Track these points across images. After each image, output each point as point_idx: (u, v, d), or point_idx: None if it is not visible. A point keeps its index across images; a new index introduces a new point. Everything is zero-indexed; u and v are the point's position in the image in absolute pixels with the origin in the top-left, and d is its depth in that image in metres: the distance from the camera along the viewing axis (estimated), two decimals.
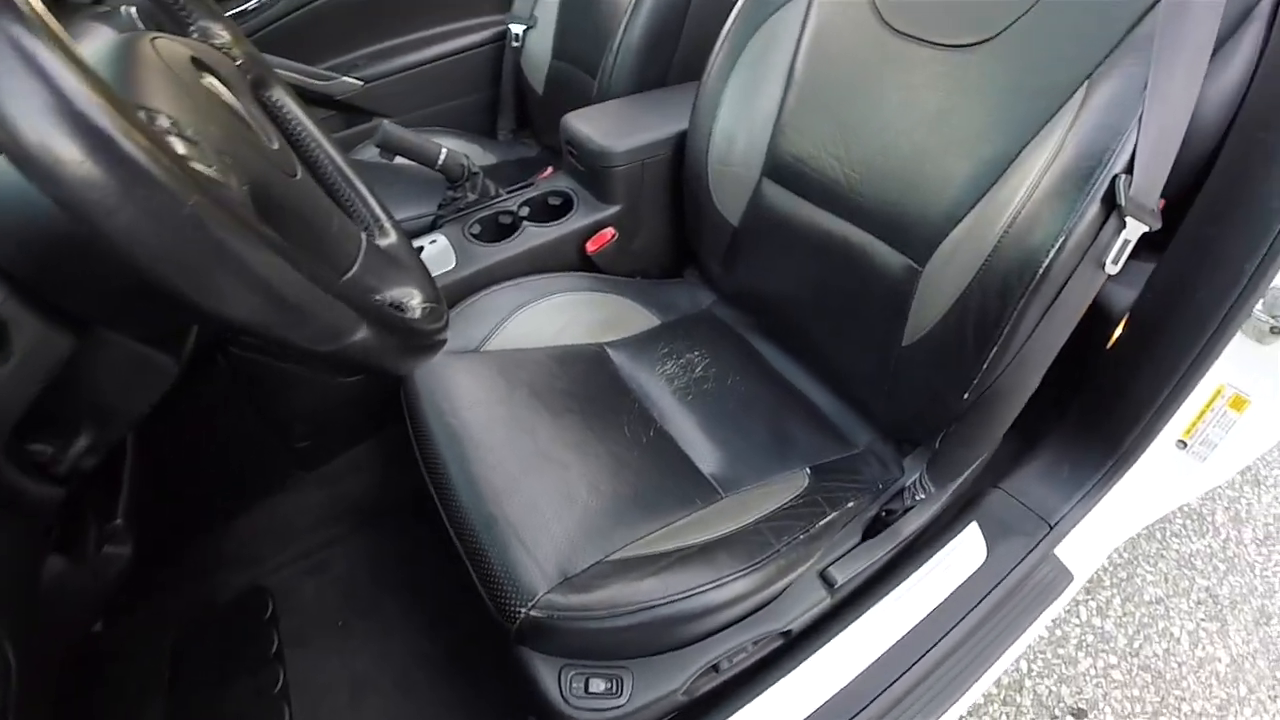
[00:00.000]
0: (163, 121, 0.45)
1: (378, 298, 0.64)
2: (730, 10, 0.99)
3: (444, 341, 0.61)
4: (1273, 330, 0.89)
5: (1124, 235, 0.65)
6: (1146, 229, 0.65)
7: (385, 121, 1.11)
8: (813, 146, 0.90)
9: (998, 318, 0.72)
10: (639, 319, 1.09)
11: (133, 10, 1.25)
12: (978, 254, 0.73)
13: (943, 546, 0.89)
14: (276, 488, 1.19)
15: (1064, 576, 0.94)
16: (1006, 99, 0.73)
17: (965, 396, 0.78)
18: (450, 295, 1.05)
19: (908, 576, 0.85)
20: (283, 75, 1.54)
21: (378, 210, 0.76)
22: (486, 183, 1.20)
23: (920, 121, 0.79)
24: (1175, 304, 0.86)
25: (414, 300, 0.64)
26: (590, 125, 1.13)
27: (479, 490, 0.79)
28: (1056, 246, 0.66)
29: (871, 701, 0.77)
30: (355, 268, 0.62)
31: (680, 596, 0.70)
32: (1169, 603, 1.43)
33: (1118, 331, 0.96)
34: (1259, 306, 0.87)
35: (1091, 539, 0.99)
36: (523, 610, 0.68)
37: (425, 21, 1.73)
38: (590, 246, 1.12)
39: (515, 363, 0.95)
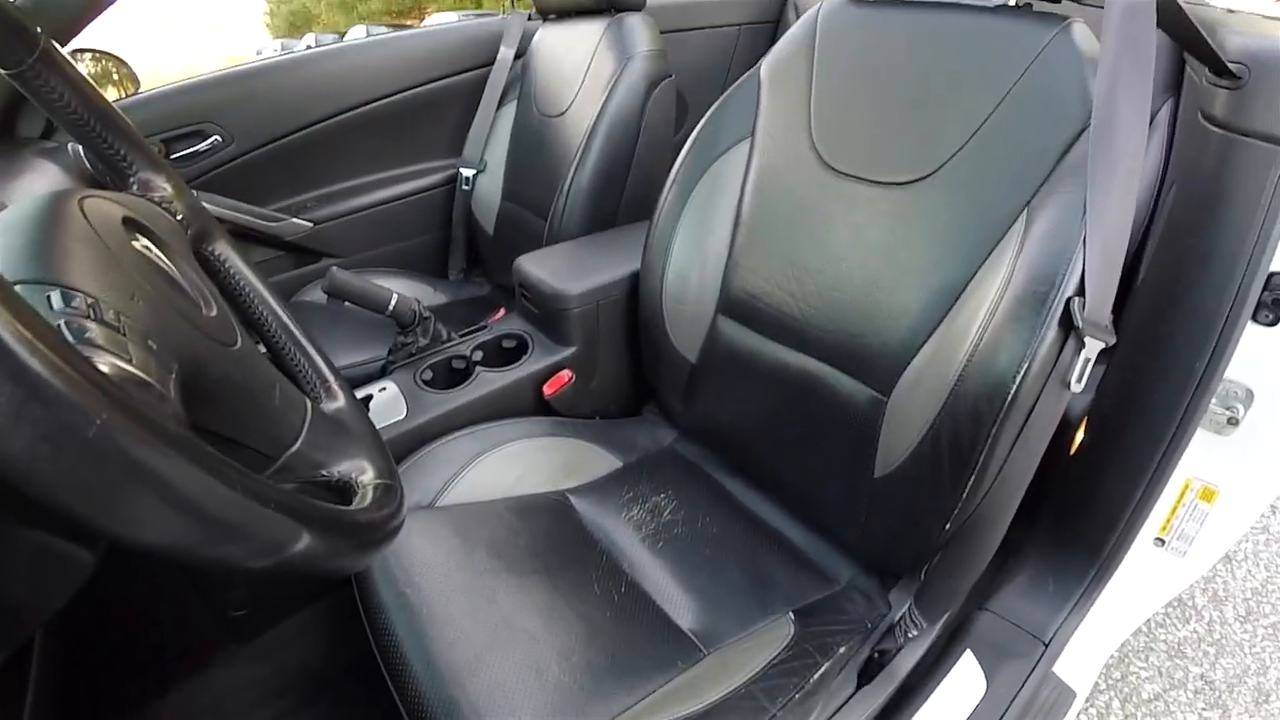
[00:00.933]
0: (81, 303, 0.41)
1: (324, 473, 0.59)
2: (672, 154, 1.03)
3: (399, 528, 0.56)
4: (1230, 421, 0.91)
5: (1084, 354, 0.66)
6: (1104, 345, 0.66)
7: (334, 267, 1.09)
8: (766, 283, 0.91)
9: (971, 445, 0.71)
10: (601, 462, 1.05)
11: (80, 148, 1.25)
12: (943, 382, 0.72)
13: (941, 682, 0.83)
14: (208, 663, 1.07)
15: (1066, 695, 0.90)
16: (951, 230, 0.75)
17: (947, 527, 0.76)
18: (402, 446, 1.00)
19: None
20: (231, 217, 1.55)
21: (325, 371, 0.72)
22: (438, 327, 1.17)
23: (870, 255, 0.80)
24: (1133, 406, 0.86)
25: (365, 476, 0.59)
26: (544, 268, 1.13)
27: (438, 670, 0.71)
28: (1022, 371, 0.66)
29: None
30: (300, 442, 0.58)
31: None
32: (1167, 697, 1.39)
33: (1079, 436, 0.96)
34: (1212, 401, 0.89)
35: (1087, 650, 0.96)
36: None
37: (377, 165, 1.76)
38: (548, 390, 1.09)
39: (473, 518, 0.89)
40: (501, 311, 1.26)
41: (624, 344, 1.15)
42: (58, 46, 0.61)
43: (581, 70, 1.39)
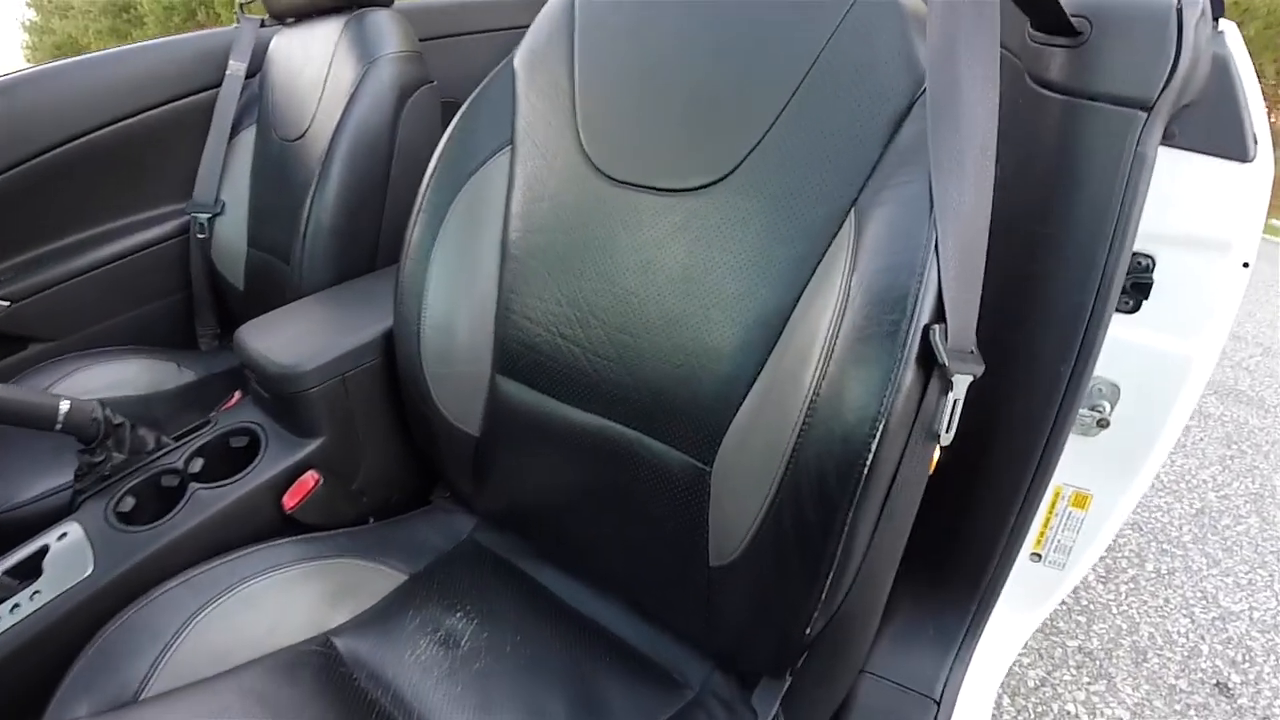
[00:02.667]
0: None
1: None
2: None
3: None
4: (1100, 424, 0.82)
5: (953, 395, 0.49)
6: (973, 377, 0.50)
7: None
8: (546, 331, 0.70)
9: (824, 530, 0.52)
10: (379, 579, 0.80)
11: None
12: (776, 448, 0.54)
13: None
14: None
15: None
16: (762, 245, 0.57)
17: (807, 631, 0.58)
18: (89, 618, 0.71)
19: None
20: None
21: None
22: (140, 434, 0.87)
23: (665, 285, 0.61)
24: (997, 419, 0.74)
25: None
26: (270, 338, 0.85)
27: None
28: (877, 429, 0.48)
29: None
30: None
31: None
32: (1053, 680, 1.36)
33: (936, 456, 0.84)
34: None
35: (978, 691, 0.84)
36: None
37: (91, 218, 1.38)
38: (288, 501, 0.82)
39: (196, 708, 0.62)
40: (236, 396, 0.98)
41: (391, 421, 0.90)
42: None
43: (320, 82, 1.13)
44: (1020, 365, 0.72)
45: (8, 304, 1.30)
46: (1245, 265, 0.74)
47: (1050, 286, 0.68)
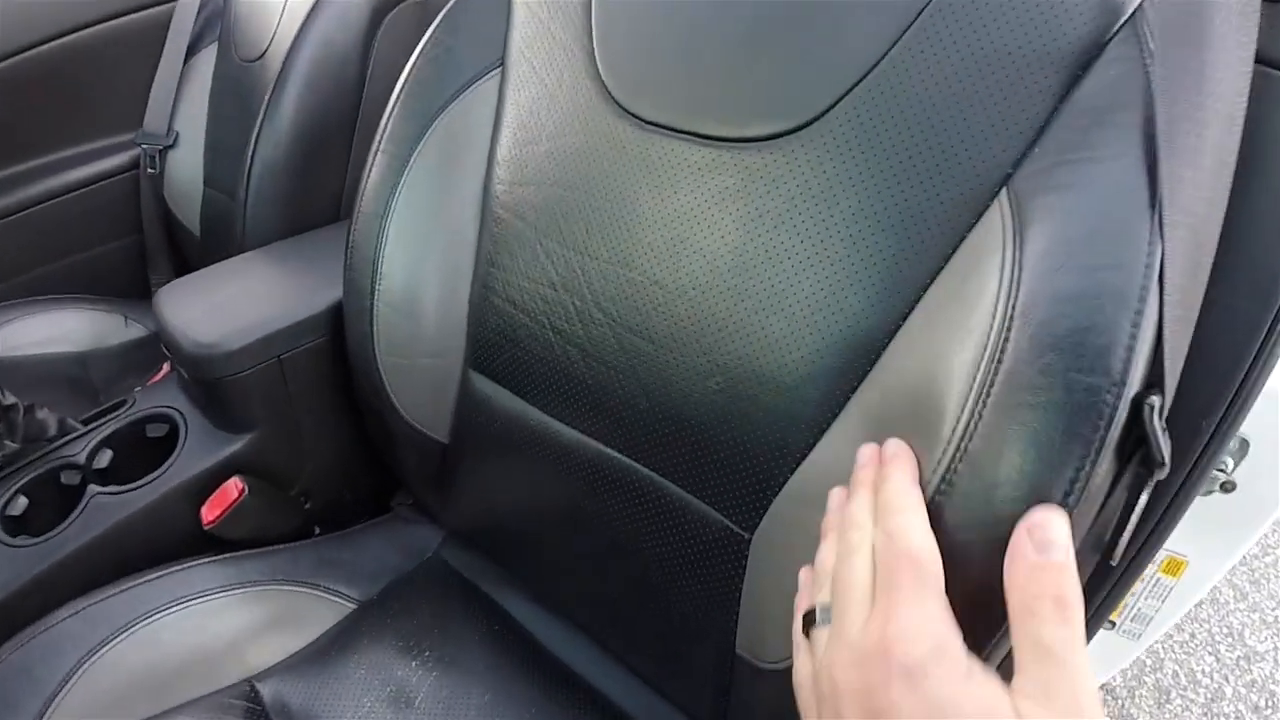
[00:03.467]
0: None
1: None
2: None
3: None
4: (1223, 486, 0.65)
5: (1144, 496, 0.32)
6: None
7: None
8: (531, 320, 0.52)
9: None
10: (319, 608, 0.64)
11: None
12: None
13: None
14: None
15: None
16: (853, 231, 0.38)
17: None
18: None
19: None
20: None
21: None
22: (39, 417, 0.70)
23: (706, 275, 0.43)
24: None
25: None
26: (190, 308, 0.68)
27: None
28: None
29: None
30: None
31: None
32: None
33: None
34: None
35: None
36: None
37: (23, 151, 1.20)
38: (206, 514, 0.65)
39: None
40: (165, 369, 0.81)
41: (341, 413, 0.72)
42: None
43: None
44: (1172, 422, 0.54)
45: None
46: None
47: (1207, 316, 0.50)
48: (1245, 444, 0.64)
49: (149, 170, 1.19)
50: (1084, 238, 0.30)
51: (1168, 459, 0.29)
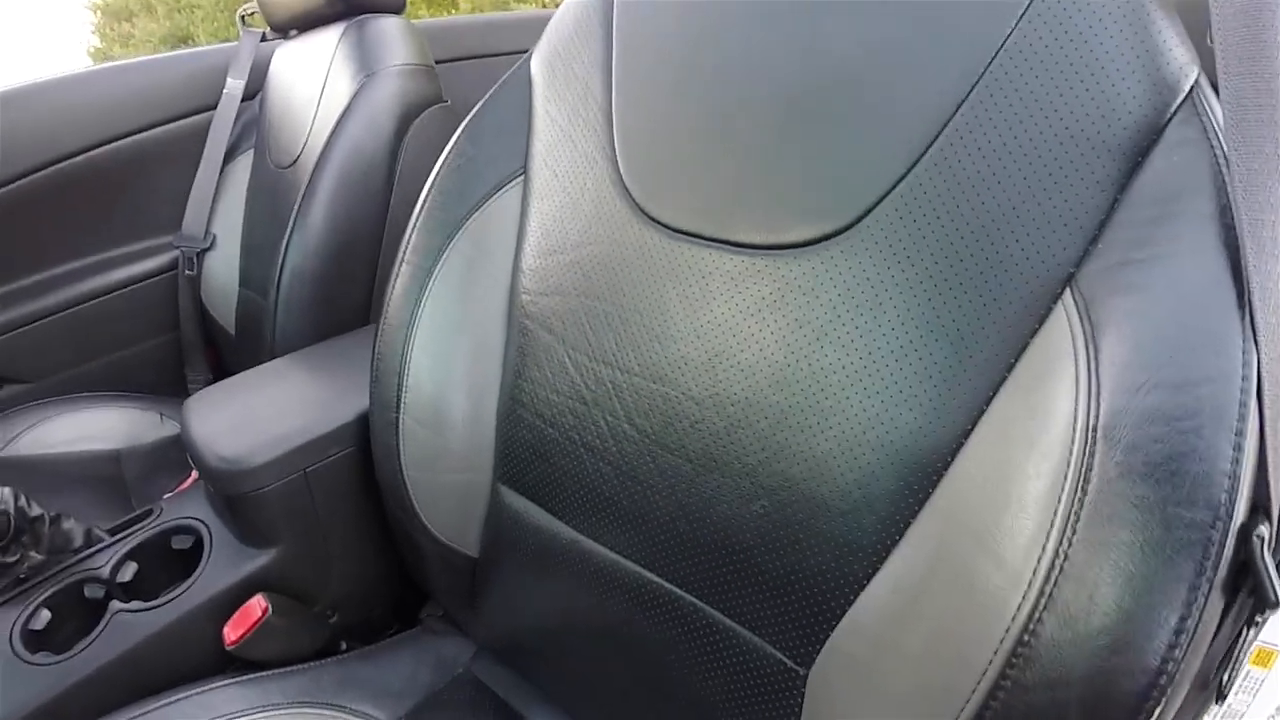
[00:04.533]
0: None
1: None
2: None
3: None
4: None
5: (1251, 637, 0.29)
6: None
7: None
8: (561, 436, 0.50)
9: None
10: None
11: None
12: (950, 676, 0.32)
13: None
14: None
15: None
16: (903, 340, 0.36)
17: None
18: None
19: None
20: None
21: None
22: (67, 528, 0.69)
23: (746, 391, 0.40)
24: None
25: None
26: (215, 419, 0.67)
27: None
28: (1162, 693, 0.27)
29: None
30: None
31: None
32: None
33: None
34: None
35: None
36: None
37: (70, 252, 1.24)
38: (229, 635, 0.63)
39: None
40: (192, 476, 0.80)
41: (369, 524, 0.70)
42: None
43: (315, 99, 0.97)
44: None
45: None
46: None
47: None
48: None
49: (187, 271, 1.22)
50: (1169, 347, 0.27)
51: (1274, 589, 0.25)
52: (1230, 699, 0.70)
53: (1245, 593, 0.27)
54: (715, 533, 0.42)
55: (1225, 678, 0.30)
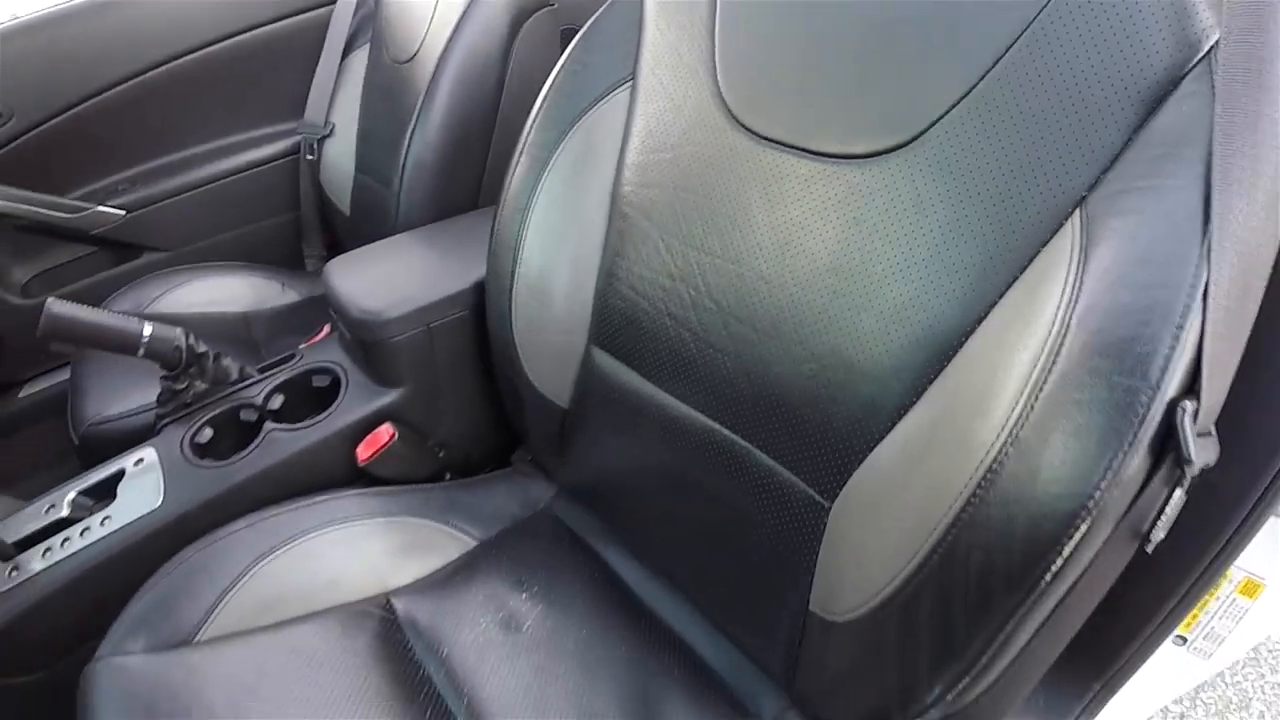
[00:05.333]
0: None
1: None
2: None
3: None
4: None
5: (1180, 491, 0.37)
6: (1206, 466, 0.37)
7: (50, 300, 0.75)
8: (650, 306, 0.60)
9: (972, 629, 0.42)
10: (445, 543, 0.75)
11: None
12: (926, 509, 0.42)
13: None
14: None
15: None
16: (941, 241, 0.44)
17: (929, 709, 0.47)
18: (152, 553, 0.70)
19: None
20: (19, 210, 1.20)
21: None
22: (224, 364, 0.84)
23: (808, 275, 0.50)
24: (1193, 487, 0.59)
25: None
26: (355, 280, 0.80)
27: None
28: (1081, 528, 0.36)
29: None
30: None
31: None
32: None
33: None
34: None
35: None
36: None
37: (203, 135, 1.39)
38: (362, 454, 0.77)
39: (249, 658, 0.60)
40: (326, 329, 0.93)
41: (477, 378, 0.83)
42: None
43: (433, 2, 1.05)
44: (1228, 430, 0.57)
45: (123, 213, 1.33)
46: None
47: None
48: None
49: (308, 157, 1.34)
50: (1140, 258, 0.35)
51: (1195, 457, 0.34)
52: (1209, 622, 0.79)
53: (1171, 461, 0.36)
54: (770, 389, 0.52)
55: (1151, 531, 0.39)
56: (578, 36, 0.68)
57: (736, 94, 0.56)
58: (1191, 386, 0.34)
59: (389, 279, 0.79)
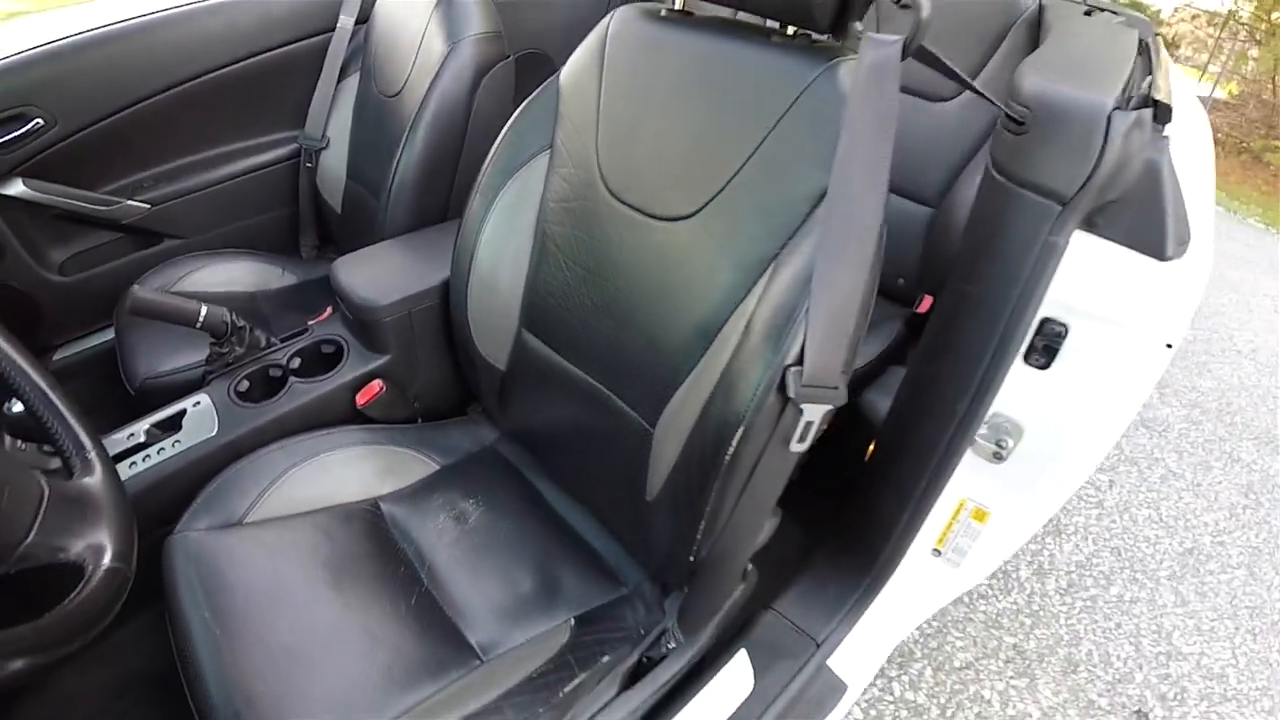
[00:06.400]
0: None
1: (62, 555, 0.60)
2: None
3: (112, 612, 0.59)
4: (995, 455, 0.97)
5: (805, 418, 0.65)
6: (831, 407, 0.66)
7: (135, 286, 1.05)
8: (560, 303, 0.91)
9: (700, 492, 0.74)
10: (417, 466, 1.05)
11: None
12: (687, 425, 0.74)
13: (708, 683, 0.89)
14: (58, 666, 1.07)
15: (837, 688, 0.98)
16: (709, 272, 0.75)
17: (692, 559, 0.80)
18: (212, 463, 0.99)
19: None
20: (60, 204, 1.46)
21: (83, 440, 0.70)
22: (255, 334, 1.14)
23: (642, 289, 0.81)
24: (906, 432, 0.91)
25: (102, 558, 0.60)
26: (357, 275, 1.10)
27: (229, 687, 0.73)
28: (739, 430, 0.68)
29: None
30: (34, 532, 0.58)
31: None
32: (979, 666, 1.49)
33: (872, 447, 1.02)
34: (984, 431, 0.95)
35: (862, 648, 1.03)
36: None
37: (216, 140, 1.65)
38: (360, 400, 1.08)
39: (279, 534, 0.89)
40: (328, 311, 1.23)
41: (443, 349, 1.14)
42: None
43: (414, 51, 1.33)
44: (930, 396, 0.88)
45: (149, 206, 1.59)
46: (1169, 346, 0.84)
47: (963, 336, 0.83)
48: (1021, 430, 0.95)
49: (307, 164, 1.62)
50: (788, 289, 0.67)
51: (797, 397, 0.63)
52: (955, 539, 1.08)
53: (792, 402, 0.64)
54: (621, 357, 0.84)
55: (791, 443, 0.67)
56: (517, 112, 0.97)
57: (608, 169, 0.86)
58: (800, 359, 0.65)
59: (381, 276, 1.10)
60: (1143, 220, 0.75)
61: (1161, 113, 0.74)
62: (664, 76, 0.83)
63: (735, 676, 0.91)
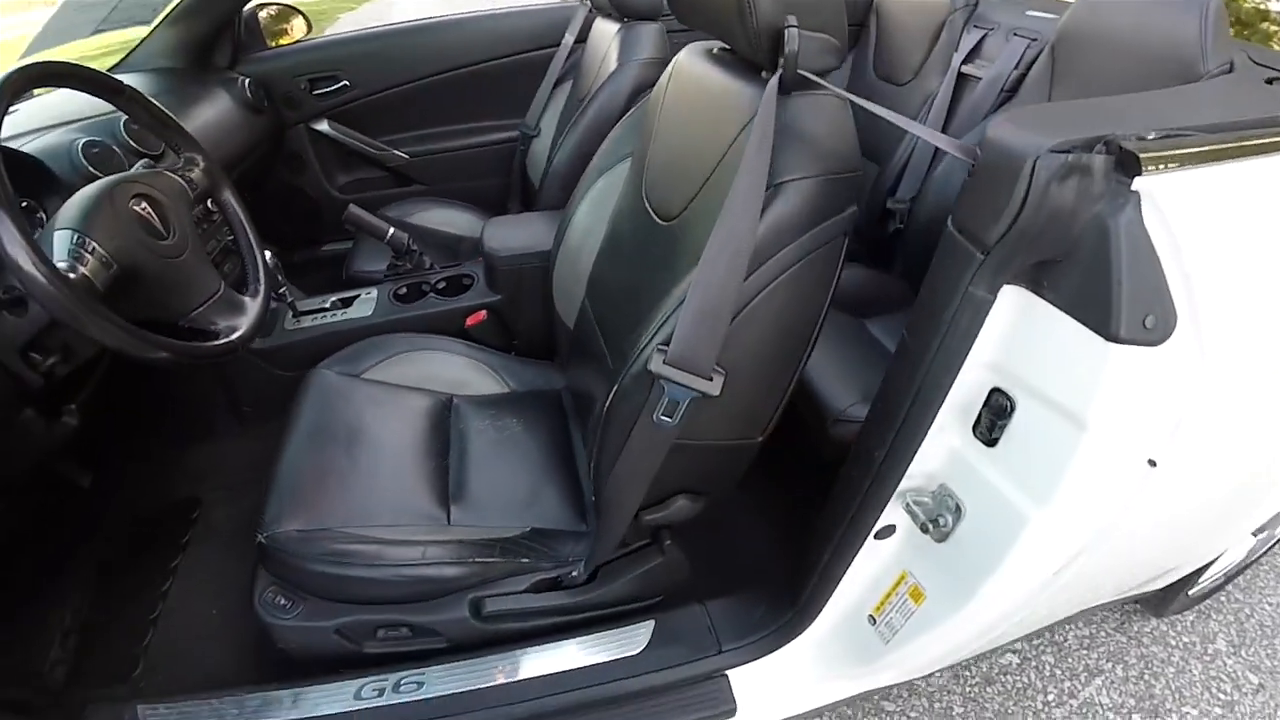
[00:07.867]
0: (83, 241, 0.82)
1: (212, 327, 0.99)
2: None
3: (227, 353, 0.96)
4: (924, 529, 0.84)
5: (667, 396, 0.79)
6: (699, 392, 0.78)
7: (351, 204, 1.48)
8: (603, 281, 1.17)
9: (598, 444, 0.95)
10: (491, 384, 1.33)
11: (246, 81, 1.75)
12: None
13: (605, 628, 1.04)
14: (220, 436, 1.57)
15: (725, 704, 1.02)
16: (673, 264, 0.94)
17: (592, 500, 1.00)
18: (359, 334, 1.38)
19: (562, 639, 1.03)
20: (350, 143, 2.02)
21: (260, 274, 1.10)
22: (423, 258, 1.54)
23: (644, 273, 1.03)
24: (840, 478, 0.92)
25: (230, 336, 0.99)
26: (496, 231, 1.46)
27: (291, 484, 1.04)
28: (615, 388, 0.88)
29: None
30: (199, 309, 0.97)
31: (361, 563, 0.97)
32: None
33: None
34: (927, 502, 0.84)
35: (771, 682, 1.04)
36: (260, 535, 0.97)
37: (459, 117, 2.15)
38: (468, 321, 1.43)
39: (376, 393, 1.22)
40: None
41: (539, 296, 1.43)
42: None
43: (598, 63, 1.65)
44: (861, 433, 0.85)
45: (407, 156, 2.12)
46: (1152, 464, 0.68)
47: (889, 381, 0.79)
48: (961, 511, 0.79)
49: (520, 147, 2.02)
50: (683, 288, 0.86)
51: (653, 368, 0.79)
52: (890, 613, 0.98)
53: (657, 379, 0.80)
54: (628, 316, 1.04)
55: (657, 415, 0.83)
56: (615, 127, 1.23)
57: (648, 185, 1.08)
58: (667, 342, 0.79)
59: (510, 236, 1.45)
60: (1088, 286, 0.62)
61: (1128, 164, 0.60)
62: (686, 102, 1.03)
63: (632, 634, 1.04)
